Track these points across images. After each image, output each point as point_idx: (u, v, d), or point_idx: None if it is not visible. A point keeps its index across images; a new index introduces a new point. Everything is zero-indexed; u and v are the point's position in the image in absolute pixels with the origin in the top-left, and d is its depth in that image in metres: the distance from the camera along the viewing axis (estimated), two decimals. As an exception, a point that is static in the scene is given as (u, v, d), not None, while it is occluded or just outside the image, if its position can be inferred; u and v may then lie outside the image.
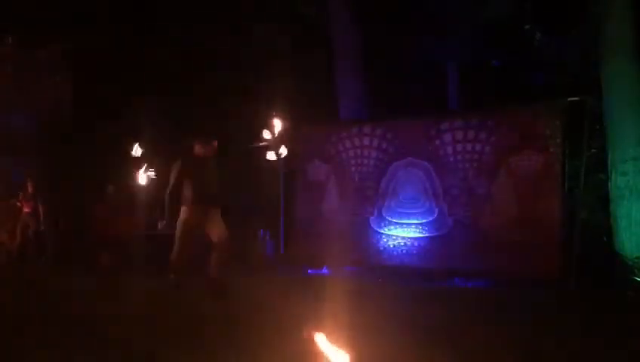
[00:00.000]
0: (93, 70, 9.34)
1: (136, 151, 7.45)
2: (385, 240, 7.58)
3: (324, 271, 7.70)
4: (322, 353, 2.34)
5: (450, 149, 7.24)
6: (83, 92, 9.27)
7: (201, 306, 4.98)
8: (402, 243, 7.44)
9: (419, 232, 7.36)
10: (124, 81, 9.54)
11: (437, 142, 7.35)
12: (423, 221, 7.36)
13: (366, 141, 7.96)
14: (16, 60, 8.79)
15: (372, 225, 7.72)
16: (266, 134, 7.80)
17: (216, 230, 5.19)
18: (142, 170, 7.28)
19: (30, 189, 9.12)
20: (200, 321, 4.31)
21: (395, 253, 7.50)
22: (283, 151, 7.73)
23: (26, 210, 9.10)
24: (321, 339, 2.37)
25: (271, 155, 7.75)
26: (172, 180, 5.24)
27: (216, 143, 5.40)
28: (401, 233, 7.47)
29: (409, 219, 7.45)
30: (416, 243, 7.36)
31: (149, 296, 5.32)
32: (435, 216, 7.27)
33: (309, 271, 7.72)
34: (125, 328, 4.06)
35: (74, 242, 8.76)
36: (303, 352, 3.14)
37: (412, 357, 3.34)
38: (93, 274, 7.15)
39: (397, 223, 7.52)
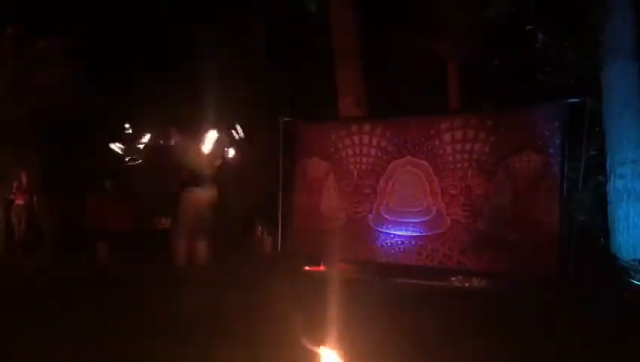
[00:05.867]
0: (93, 62, 9.27)
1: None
2: (382, 238, 7.57)
3: (322, 268, 7.68)
4: (318, 352, 2.33)
5: (449, 149, 7.22)
6: (82, 83, 9.20)
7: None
8: (400, 242, 7.43)
9: (416, 231, 7.35)
10: (125, 74, 9.49)
11: (436, 141, 7.34)
12: (421, 220, 7.34)
13: (365, 139, 7.93)
14: (15, 51, 8.71)
15: (370, 223, 7.70)
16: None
17: None
18: None
19: (24, 181, 9.05)
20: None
21: (392, 251, 7.48)
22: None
23: (18, 201, 9.02)
24: (317, 339, 2.36)
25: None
26: None
27: None
28: (399, 231, 7.46)
29: (407, 217, 7.44)
30: (413, 242, 7.34)
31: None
32: (433, 215, 7.26)
33: (307, 268, 7.71)
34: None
35: (70, 233, 8.70)
36: (300, 350, 3.12)
37: (407, 357, 3.33)
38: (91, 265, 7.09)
39: (395, 221, 7.51)
